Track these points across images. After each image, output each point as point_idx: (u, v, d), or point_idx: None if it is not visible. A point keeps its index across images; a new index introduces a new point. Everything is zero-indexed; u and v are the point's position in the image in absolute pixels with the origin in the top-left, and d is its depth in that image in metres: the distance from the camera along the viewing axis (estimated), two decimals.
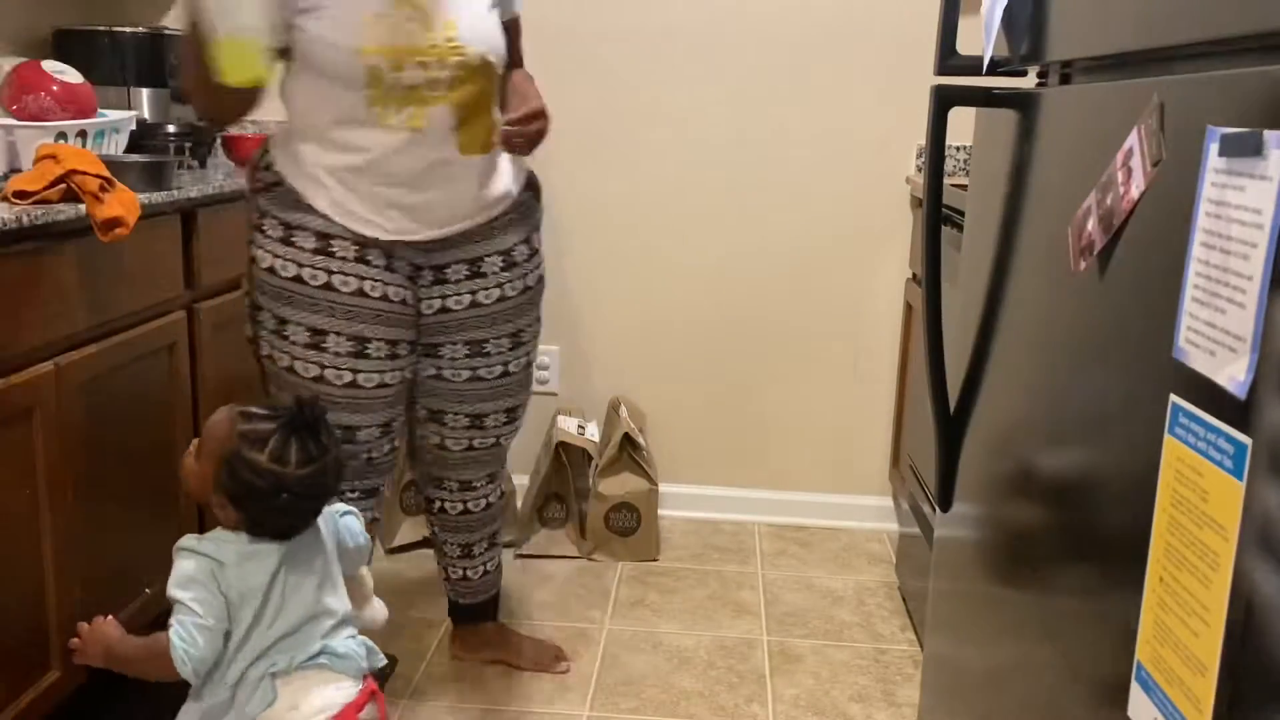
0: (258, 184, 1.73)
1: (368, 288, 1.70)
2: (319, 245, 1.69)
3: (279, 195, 1.71)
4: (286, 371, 1.73)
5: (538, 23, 2.78)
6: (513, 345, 1.91)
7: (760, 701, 2.06)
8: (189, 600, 1.36)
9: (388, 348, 1.74)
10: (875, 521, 2.92)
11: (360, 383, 1.73)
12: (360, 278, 1.70)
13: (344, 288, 1.69)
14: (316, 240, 1.69)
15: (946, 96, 1.30)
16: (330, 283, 1.69)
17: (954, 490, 1.46)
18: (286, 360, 1.72)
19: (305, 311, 1.69)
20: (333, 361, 1.70)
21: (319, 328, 1.69)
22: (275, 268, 1.70)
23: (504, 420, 1.96)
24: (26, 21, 2.46)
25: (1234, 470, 0.71)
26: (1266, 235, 0.68)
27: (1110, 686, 0.89)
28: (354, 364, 1.72)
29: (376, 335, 1.72)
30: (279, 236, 1.70)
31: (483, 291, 1.83)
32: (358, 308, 1.70)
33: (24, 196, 1.62)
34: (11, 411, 1.58)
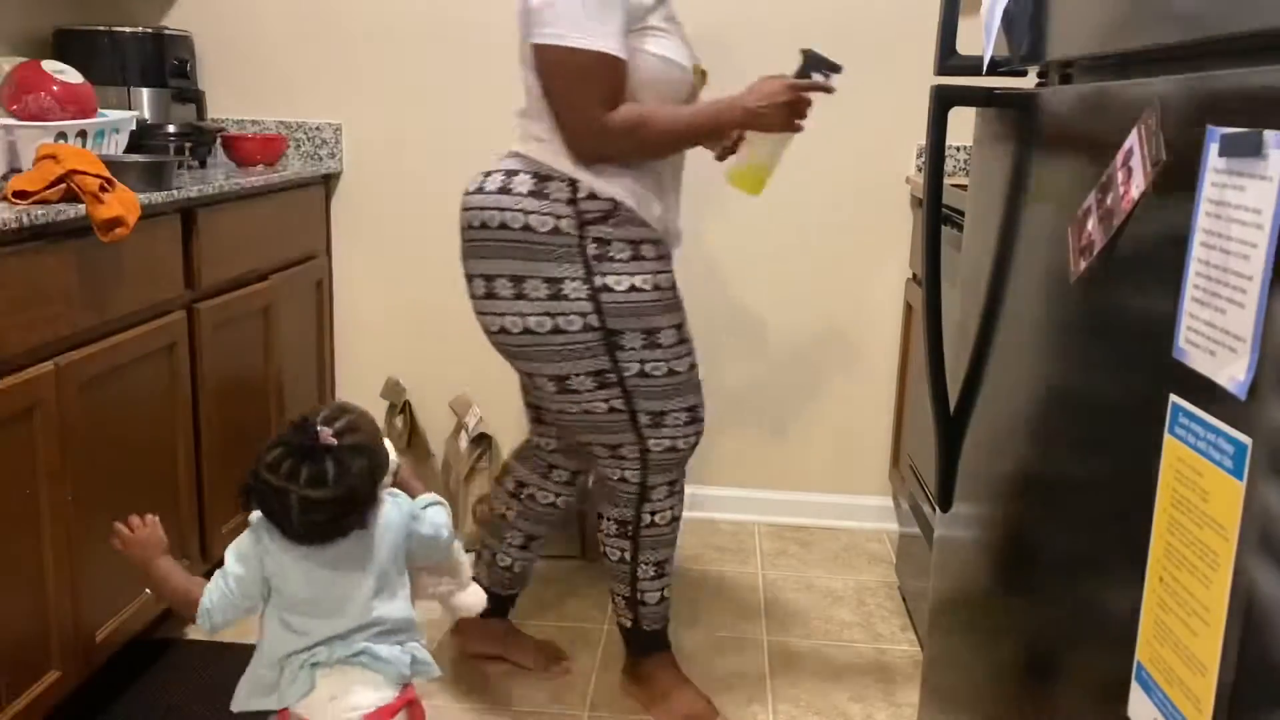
0: (589, 215, 1.74)
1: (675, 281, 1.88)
2: (658, 253, 1.82)
3: (620, 218, 1.76)
4: (667, 376, 1.83)
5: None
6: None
7: (760, 701, 2.06)
8: (231, 570, 1.46)
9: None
10: (875, 521, 2.92)
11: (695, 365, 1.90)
12: (671, 273, 1.86)
13: (676, 287, 1.86)
14: (654, 249, 1.81)
15: (946, 96, 1.30)
16: (673, 285, 1.85)
17: (954, 490, 1.46)
18: (665, 367, 1.82)
19: (668, 314, 1.82)
20: (691, 349, 1.88)
21: (679, 324, 1.85)
22: (637, 284, 1.77)
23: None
24: (26, 21, 2.46)
25: (1234, 470, 0.71)
26: (1266, 235, 0.68)
27: (1110, 686, 0.89)
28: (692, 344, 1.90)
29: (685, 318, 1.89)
30: (628, 256, 1.77)
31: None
32: (680, 299, 1.88)
33: (24, 196, 1.62)
34: (11, 411, 1.58)
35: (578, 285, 1.74)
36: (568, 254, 1.74)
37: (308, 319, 2.73)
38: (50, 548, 1.68)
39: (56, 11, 2.54)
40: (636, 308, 1.77)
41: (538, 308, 1.76)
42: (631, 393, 1.82)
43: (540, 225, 1.74)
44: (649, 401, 1.83)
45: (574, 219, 1.74)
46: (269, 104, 2.85)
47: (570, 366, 1.79)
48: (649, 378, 1.81)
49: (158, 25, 2.69)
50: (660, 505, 1.92)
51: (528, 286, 1.75)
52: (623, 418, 1.84)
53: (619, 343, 1.78)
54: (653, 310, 1.79)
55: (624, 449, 1.87)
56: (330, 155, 2.83)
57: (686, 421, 1.88)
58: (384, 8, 2.76)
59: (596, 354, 1.78)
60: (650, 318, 1.79)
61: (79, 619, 1.77)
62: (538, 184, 1.75)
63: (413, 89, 2.80)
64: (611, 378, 1.80)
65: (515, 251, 1.75)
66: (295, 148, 2.83)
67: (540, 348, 1.78)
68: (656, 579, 1.98)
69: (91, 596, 1.80)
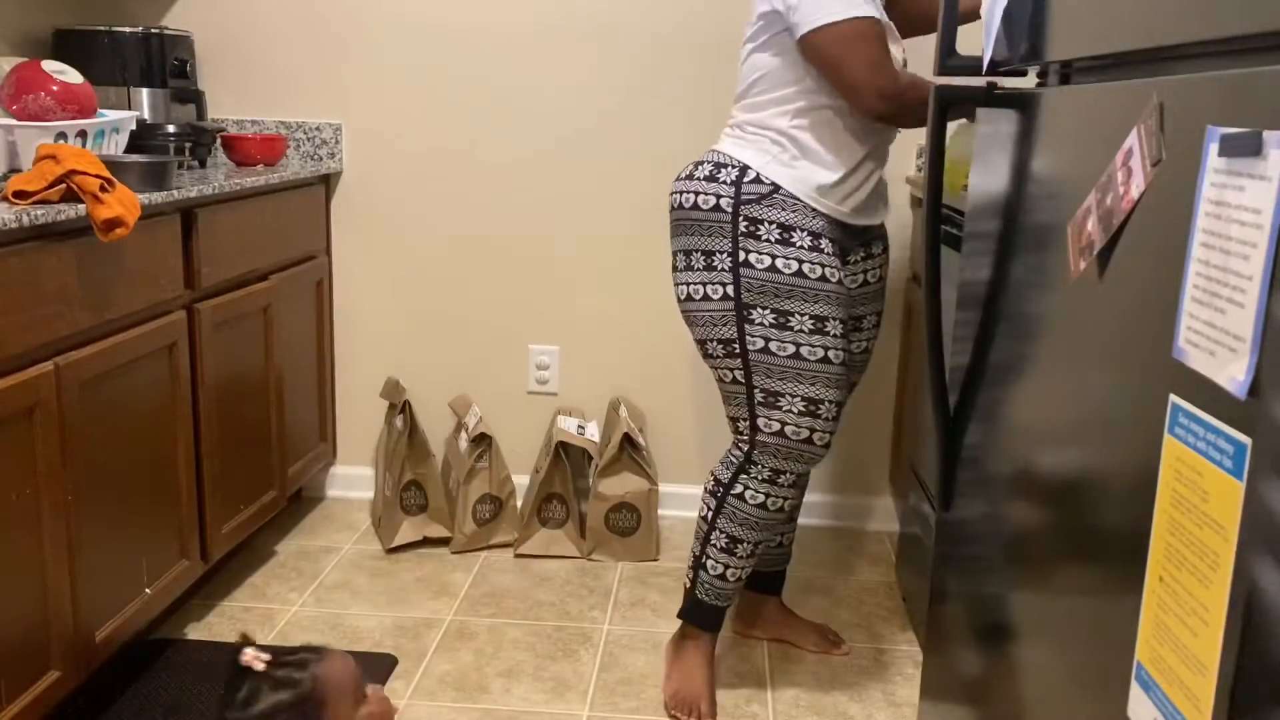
0: (749, 195, 1.88)
1: (840, 276, 1.91)
2: (813, 243, 1.87)
3: (776, 201, 1.87)
4: (791, 359, 1.88)
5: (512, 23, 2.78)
6: (875, 324, 2.15)
7: (760, 701, 2.06)
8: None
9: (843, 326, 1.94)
10: (875, 521, 2.92)
11: (844, 360, 1.93)
12: (836, 268, 1.90)
13: (832, 279, 1.89)
14: (811, 238, 1.87)
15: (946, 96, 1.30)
16: (824, 275, 1.88)
17: (954, 490, 1.46)
18: (790, 349, 1.88)
19: (808, 302, 1.87)
20: (833, 343, 1.89)
21: (821, 315, 1.88)
22: (778, 265, 1.86)
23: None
24: (26, 21, 2.46)
25: (1234, 470, 0.71)
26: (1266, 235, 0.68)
27: (1110, 686, 0.89)
28: (842, 343, 1.92)
29: (844, 315, 1.92)
30: (777, 238, 1.86)
31: (870, 272, 2.08)
32: (840, 294, 1.90)
33: (24, 196, 1.62)
34: (11, 411, 1.58)
35: (725, 258, 1.89)
36: (721, 229, 1.89)
37: (308, 319, 2.73)
38: (50, 548, 1.68)
39: (56, 11, 2.54)
40: (772, 287, 1.86)
41: (697, 277, 1.92)
42: (752, 367, 1.90)
43: (704, 204, 1.91)
44: (767, 379, 1.89)
45: (732, 199, 1.89)
46: (269, 104, 2.85)
47: (706, 332, 1.94)
48: (771, 355, 1.88)
49: (158, 25, 2.69)
50: (755, 485, 1.95)
51: (694, 259, 1.93)
52: (742, 390, 1.93)
53: (749, 316, 1.88)
54: (788, 293, 1.87)
55: (740, 423, 1.95)
56: (330, 155, 2.83)
57: (801, 411, 1.90)
58: (384, 8, 2.76)
59: (729, 323, 1.90)
60: (784, 299, 1.87)
61: (79, 619, 1.77)
62: (714, 169, 1.93)
63: (413, 89, 2.80)
64: (736, 348, 1.90)
65: (689, 228, 1.93)
66: (295, 148, 2.83)
67: (695, 313, 1.95)
68: (725, 553, 1.99)
69: (91, 596, 1.80)
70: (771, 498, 1.95)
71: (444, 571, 2.57)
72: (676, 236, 1.97)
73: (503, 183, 2.83)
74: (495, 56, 2.77)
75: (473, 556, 2.67)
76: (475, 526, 2.69)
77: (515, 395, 2.95)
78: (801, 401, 1.89)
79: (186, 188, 2.03)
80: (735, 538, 1.98)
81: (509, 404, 2.94)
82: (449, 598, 2.44)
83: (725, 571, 2.00)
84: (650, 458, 2.76)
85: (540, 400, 2.93)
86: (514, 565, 2.62)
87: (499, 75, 2.78)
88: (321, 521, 2.85)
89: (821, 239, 1.88)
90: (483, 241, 2.86)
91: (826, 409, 1.91)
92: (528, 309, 2.89)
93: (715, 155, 1.96)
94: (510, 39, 2.76)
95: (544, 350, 2.91)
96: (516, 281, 2.88)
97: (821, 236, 1.89)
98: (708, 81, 2.74)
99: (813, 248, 1.88)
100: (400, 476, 2.68)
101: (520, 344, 2.91)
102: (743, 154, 1.92)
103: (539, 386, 2.93)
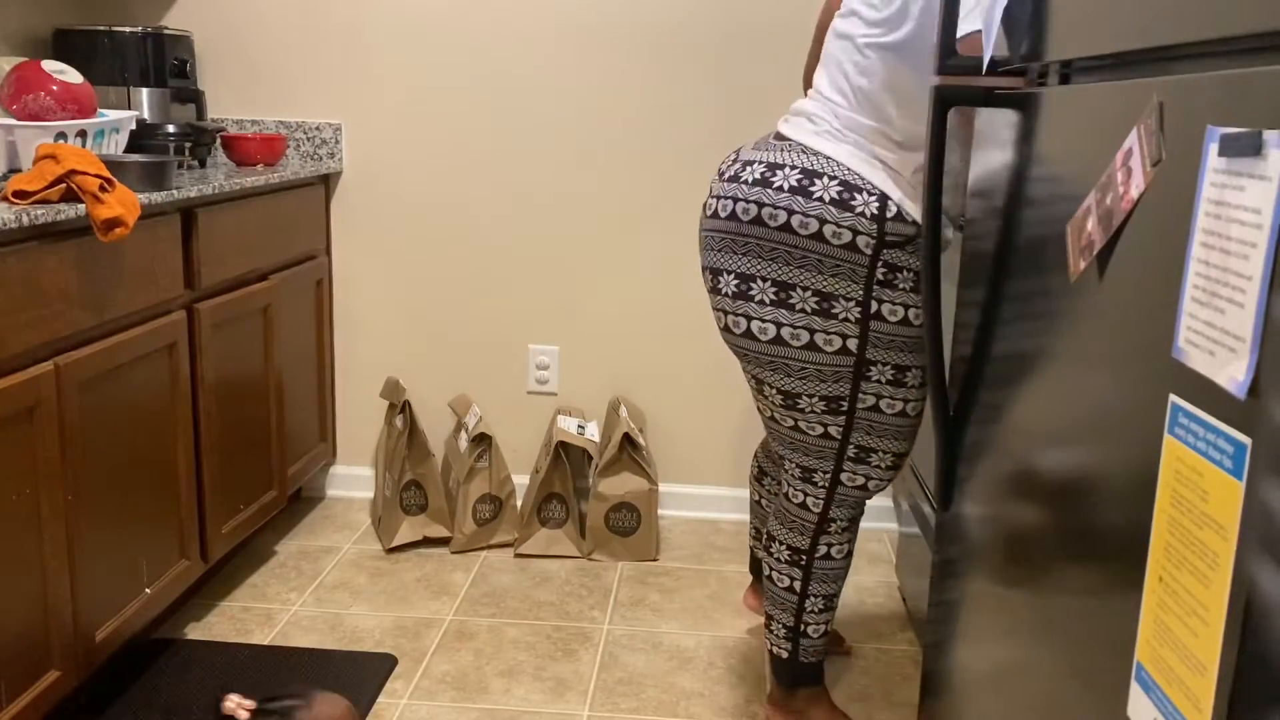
0: (894, 238, 1.63)
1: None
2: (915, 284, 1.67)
3: (917, 245, 1.62)
4: (897, 416, 1.74)
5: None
6: None
7: (760, 701, 2.06)
8: None
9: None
10: (875, 521, 2.92)
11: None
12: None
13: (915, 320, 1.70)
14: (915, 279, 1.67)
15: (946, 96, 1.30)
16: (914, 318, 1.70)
17: (954, 490, 1.46)
18: (899, 406, 1.73)
19: (919, 354, 1.70)
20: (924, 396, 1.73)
21: (924, 365, 1.70)
22: (909, 318, 1.67)
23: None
24: (26, 21, 2.46)
25: (1234, 470, 0.71)
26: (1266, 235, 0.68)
27: (1110, 686, 0.89)
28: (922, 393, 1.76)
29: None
30: (911, 285, 1.66)
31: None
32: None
33: (24, 196, 1.62)
34: (11, 411, 1.58)
35: (851, 306, 1.65)
36: (852, 272, 1.63)
37: (308, 319, 2.73)
38: (50, 548, 1.68)
39: (56, 11, 2.54)
40: (901, 341, 1.68)
41: (799, 320, 1.65)
42: (855, 425, 1.73)
43: (835, 237, 1.61)
44: (866, 436, 1.75)
45: (873, 238, 1.61)
46: (269, 104, 2.85)
47: (805, 386, 1.71)
48: (879, 413, 1.73)
49: (158, 25, 2.69)
50: (837, 540, 1.84)
51: (795, 296, 1.64)
52: (833, 446, 1.76)
53: (867, 373, 1.69)
54: (911, 346, 1.70)
55: (817, 475, 1.79)
56: (330, 155, 2.83)
57: (889, 465, 1.79)
58: (384, 8, 2.76)
59: (845, 380, 1.69)
60: (906, 353, 1.70)
61: (79, 619, 1.77)
62: (844, 192, 1.61)
63: (413, 89, 2.80)
64: (844, 405, 1.71)
65: (791, 257, 1.63)
66: (295, 148, 2.83)
67: (785, 359, 1.69)
68: (823, 612, 1.87)
69: (91, 596, 1.80)
70: (851, 541, 1.87)
71: (444, 571, 2.58)
72: (748, 256, 1.66)
73: (503, 183, 2.83)
74: (495, 56, 2.77)
75: (473, 556, 2.67)
76: (475, 526, 2.69)
77: (515, 395, 2.95)
78: (891, 457, 1.77)
79: (186, 188, 2.03)
80: (829, 595, 1.86)
81: (509, 404, 2.94)
82: (449, 598, 2.44)
83: (826, 626, 1.89)
84: (650, 458, 2.76)
85: (540, 400, 2.93)
86: (514, 565, 2.62)
87: (499, 75, 2.78)
88: (321, 521, 2.85)
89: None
90: (483, 241, 2.86)
91: (905, 458, 1.81)
92: (528, 309, 2.89)
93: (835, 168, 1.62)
94: (511, 39, 2.76)
95: (544, 350, 2.91)
96: (516, 281, 2.88)
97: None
98: (710, 81, 2.74)
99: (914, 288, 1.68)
100: (400, 476, 2.68)
101: (520, 344, 2.91)
102: (875, 176, 1.61)
103: (539, 386, 2.93)
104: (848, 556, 1.87)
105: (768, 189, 1.63)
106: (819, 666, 1.93)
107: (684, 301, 2.86)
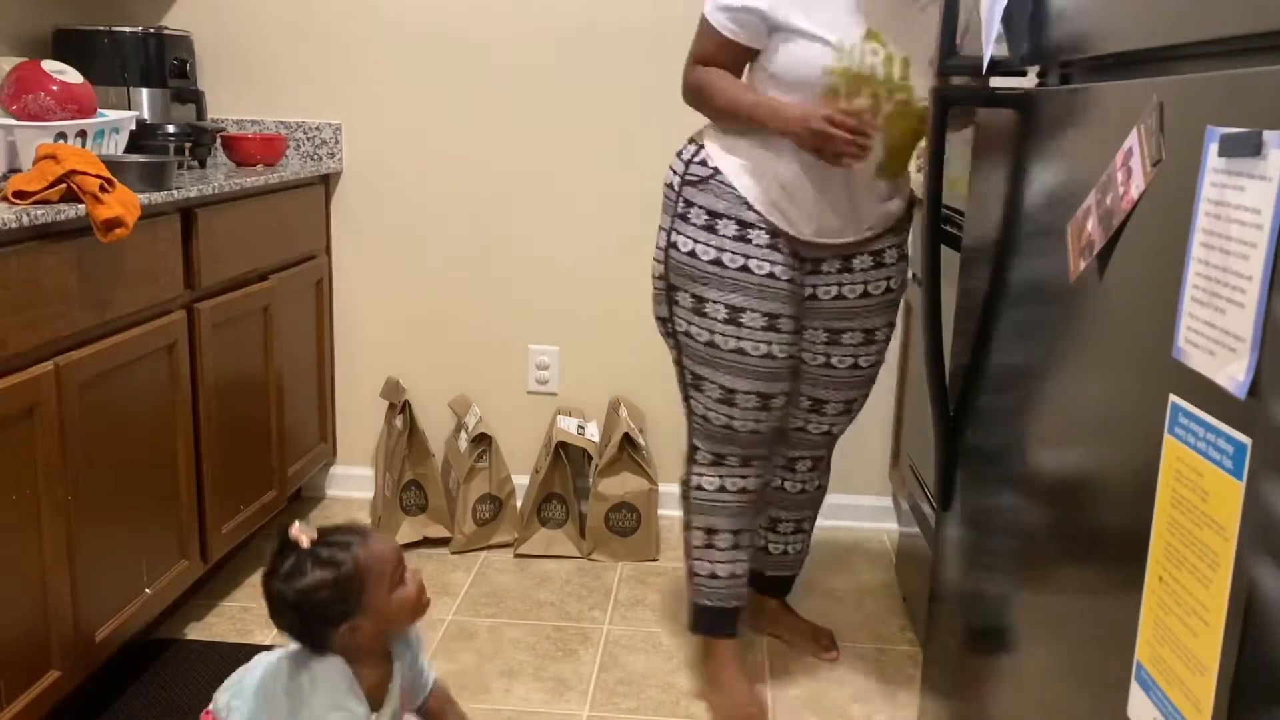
0: (691, 178, 1.89)
1: (778, 272, 1.87)
2: (739, 233, 1.85)
3: (711, 188, 1.86)
4: (706, 346, 1.90)
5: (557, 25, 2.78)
6: (866, 340, 2.02)
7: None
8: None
9: (793, 323, 1.92)
10: (875, 521, 2.92)
11: (775, 354, 1.90)
12: (772, 263, 1.87)
13: (758, 270, 1.86)
14: (737, 228, 1.85)
15: (946, 96, 1.30)
16: (747, 266, 1.86)
17: (954, 490, 1.46)
18: (706, 336, 1.89)
19: (726, 292, 1.86)
20: (750, 335, 1.87)
21: (737, 305, 1.87)
22: (697, 252, 1.86)
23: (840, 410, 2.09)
24: (26, 21, 2.46)
25: (1234, 470, 0.71)
26: (1266, 235, 0.68)
27: (1110, 686, 0.89)
28: (767, 336, 1.89)
29: (784, 312, 1.90)
30: (703, 224, 1.86)
31: (849, 286, 1.96)
32: (769, 288, 1.87)
33: (24, 196, 1.62)
34: (11, 411, 1.58)
35: (662, 235, 1.94)
36: (669, 205, 1.94)
37: (308, 319, 2.73)
38: (50, 548, 1.68)
39: (56, 11, 2.54)
40: (690, 271, 1.88)
41: (655, 253, 1.97)
42: (682, 349, 1.95)
43: (666, 179, 1.96)
44: (692, 363, 1.93)
45: (680, 178, 1.92)
46: (269, 104, 2.84)
47: (654, 307, 1.99)
48: (692, 339, 1.91)
49: (158, 25, 2.68)
50: (705, 470, 1.97)
51: (658, 234, 1.96)
52: (679, 371, 1.98)
53: (675, 298, 1.92)
54: (706, 280, 1.86)
55: (685, 404, 1.99)
56: (330, 155, 2.83)
57: (718, 399, 1.92)
58: (384, 8, 2.76)
59: (663, 302, 1.95)
60: (701, 286, 1.87)
61: (79, 619, 1.77)
62: (685, 146, 1.96)
63: (412, 89, 2.80)
64: (669, 327, 1.96)
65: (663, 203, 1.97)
66: (295, 148, 2.83)
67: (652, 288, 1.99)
68: (706, 548, 1.99)
69: (91, 596, 1.80)
70: (727, 479, 1.96)
71: (444, 571, 2.57)
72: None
73: (503, 182, 2.83)
74: (496, 56, 2.77)
75: (473, 556, 2.67)
76: (475, 526, 2.69)
77: (515, 395, 2.94)
78: (718, 389, 1.91)
79: (186, 188, 2.03)
80: (709, 529, 1.98)
81: (509, 404, 2.94)
82: (449, 598, 2.44)
83: (714, 568, 1.99)
84: (650, 458, 2.76)
85: (540, 400, 2.93)
86: (514, 565, 2.62)
87: (499, 75, 2.78)
88: (321, 521, 2.84)
89: (752, 230, 1.85)
90: (483, 241, 2.86)
91: (744, 399, 1.91)
92: (528, 309, 2.89)
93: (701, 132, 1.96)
94: (511, 39, 2.76)
95: (544, 350, 2.91)
96: (516, 281, 2.88)
97: (753, 228, 1.85)
98: None
99: (738, 237, 1.85)
100: (400, 476, 2.68)
101: (520, 344, 2.91)
102: (708, 134, 1.93)
103: (539, 386, 2.93)
104: (723, 491, 1.97)
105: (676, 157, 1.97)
106: (718, 616, 2.03)
107: None
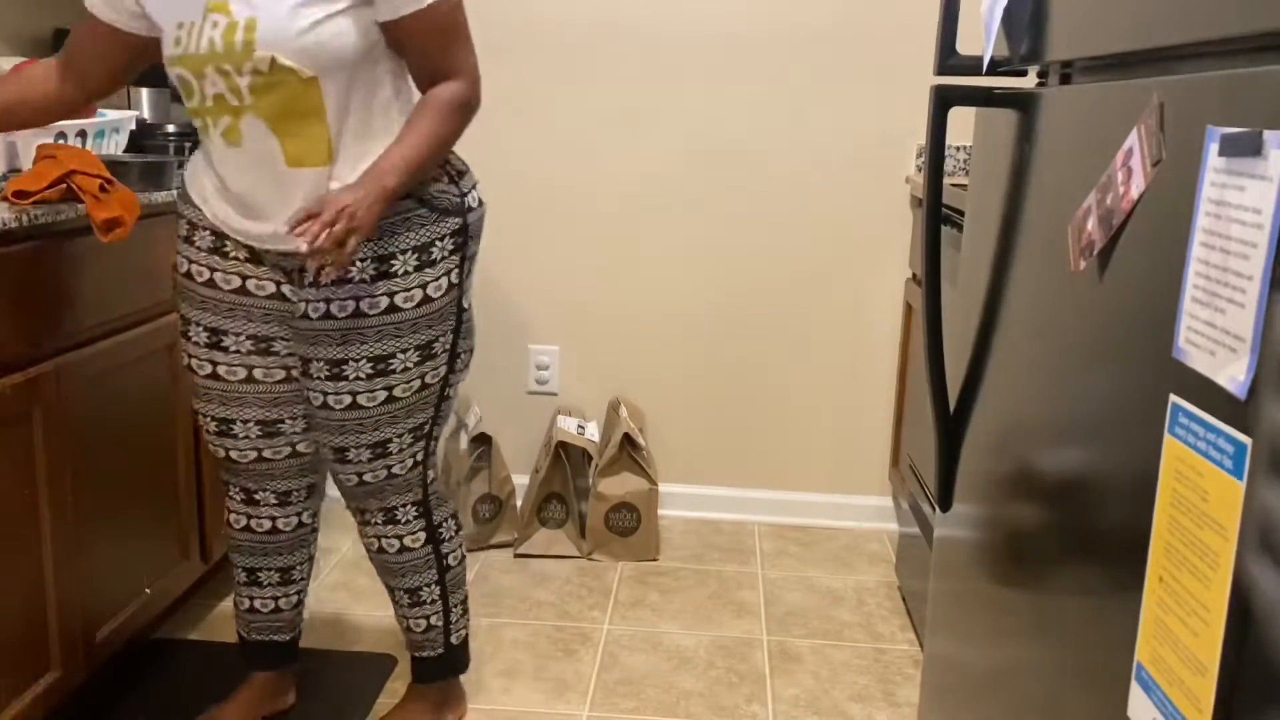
0: (179, 187, 1.74)
1: (219, 279, 1.66)
2: (213, 245, 1.66)
3: (182, 194, 1.71)
4: (186, 369, 1.74)
5: (532, 18, 2.79)
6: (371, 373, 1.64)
7: (760, 701, 2.06)
8: None
9: (250, 343, 1.68)
10: (875, 521, 2.92)
11: (221, 374, 1.70)
12: (212, 269, 1.66)
13: (198, 276, 1.68)
14: (212, 239, 1.66)
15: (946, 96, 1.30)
16: (212, 279, 1.67)
17: (954, 490, 1.46)
18: (185, 359, 1.73)
19: (187, 305, 1.70)
20: (200, 356, 1.70)
21: (200, 323, 1.69)
22: (176, 264, 1.71)
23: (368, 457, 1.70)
24: (26, 21, 2.46)
25: (1234, 470, 0.71)
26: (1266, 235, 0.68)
27: (1110, 686, 0.89)
28: (211, 355, 1.69)
29: (233, 329, 1.67)
30: (183, 235, 1.70)
31: (336, 303, 1.61)
32: (211, 299, 1.67)
33: (24, 196, 1.62)
34: (11, 411, 1.58)
35: None
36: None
37: None
38: (50, 548, 1.68)
39: (56, 11, 2.54)
40: (177, 287, 1.71)
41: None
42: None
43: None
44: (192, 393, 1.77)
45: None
46: None
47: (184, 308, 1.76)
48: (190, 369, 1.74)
49: None
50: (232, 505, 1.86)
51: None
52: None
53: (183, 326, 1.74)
54: (180, 295, 1.70)
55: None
56: None
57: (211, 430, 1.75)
58: None
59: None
60: (181, 304, 1.70)
61: (79, 619, 1.77)
62: None
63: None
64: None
65: None
66: None
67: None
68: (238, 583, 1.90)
69: (91, 596, 1.80)
70: (233, 514, 1.85)
71: None
72: None
73: (502, 182, 2.83)
74: (494, 54, 2.77)
75: (473, 556, 2.67)
76: (475, 526, 2.69)
77: (515, 395, 2.95)
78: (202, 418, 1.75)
79: None
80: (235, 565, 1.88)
81: (509, 404, 2.94)
82: None
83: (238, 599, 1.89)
84: (650, 458, 2.76)
85: (540, 400, 2.94)
86: (514, 565, 2.62)
87: (495, 71, 2.78)
88: (321, 521, 2.85)
89: (220, 238, 1.65)
90: (482, 240, 2.86)
91: (212, 421, 1.73)
92: (528, 309, 2.89)
93: None
94: (509, 37, 2.76)
95: (544, 350, 2.91)
96: (516, 281, 2.88)
97: (199, 228, 1.66)
98: (710, 81, 2.74)
99: (213, 249, 1.66)
100: None
101: (520, 344, 2.91)
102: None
103: (539, 386, 2.93)
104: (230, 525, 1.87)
105: None
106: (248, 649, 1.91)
107: (684, 301, 2.86)
